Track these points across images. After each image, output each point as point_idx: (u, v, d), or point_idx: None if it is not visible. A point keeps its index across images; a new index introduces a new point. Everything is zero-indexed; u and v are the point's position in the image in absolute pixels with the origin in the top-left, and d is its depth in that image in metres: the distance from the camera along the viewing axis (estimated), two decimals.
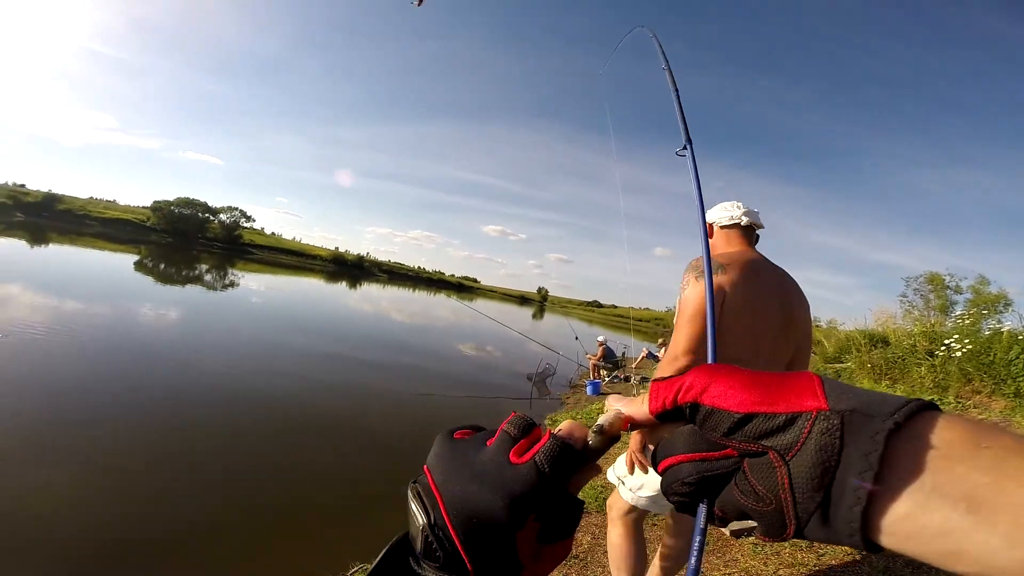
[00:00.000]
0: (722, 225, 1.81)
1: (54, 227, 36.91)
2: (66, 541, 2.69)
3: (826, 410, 0.25)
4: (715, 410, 0.28)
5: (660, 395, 0.32)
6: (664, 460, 0.33)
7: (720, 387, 0.29)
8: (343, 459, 4.47)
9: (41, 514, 2.88)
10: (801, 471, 0.25)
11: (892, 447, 0.22)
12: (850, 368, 6.62)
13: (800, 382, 0.27)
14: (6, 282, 10.75)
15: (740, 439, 0.27)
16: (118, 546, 2.71)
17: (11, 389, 4.60)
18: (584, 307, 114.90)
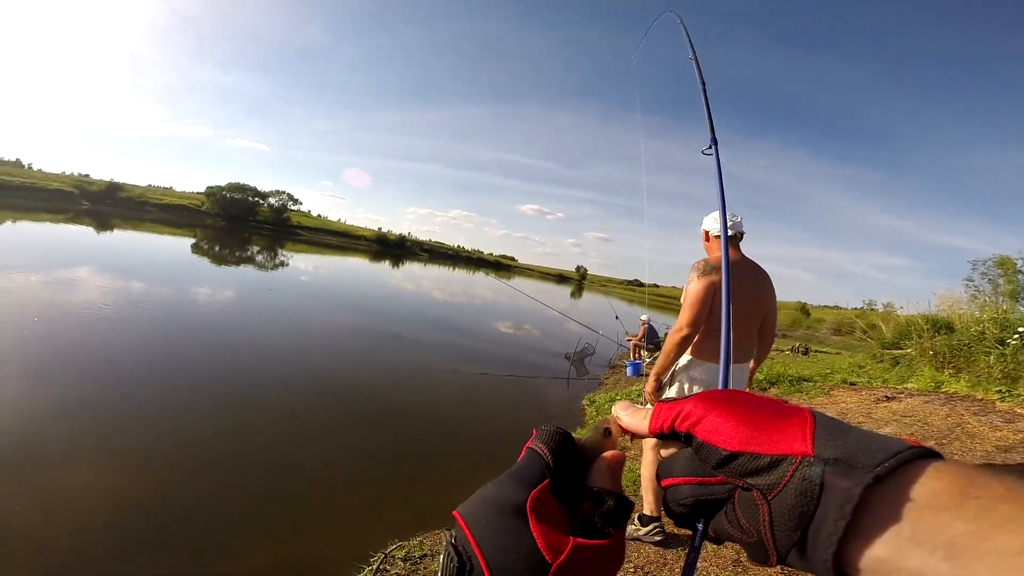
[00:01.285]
0: (714, 235, 2.42)
1: (117, 214, 39.24)
2: (114, 515, 2.91)
3: (810, 456, 0.25)
4: (705, 444, 0.29)
5: (660, 418, 0.32)
6: (667, 479, 0.34)
7: (713, 421, 0.29)
8: (382, 436, 4.61)
9: (98, 486, 3.13)
10: (781, 511, 0.25)
11: (870, 497, 0.23)
12: (910, 355, 6.25)
13: (792, 424, 0.27)
14: (77, 266, 11.57)
15: (727, 474, 0.28)
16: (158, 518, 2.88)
17: (82, 363, 4.98)
18: (624, 286, 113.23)
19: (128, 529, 2.70)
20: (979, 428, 3.79)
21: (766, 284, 2.45)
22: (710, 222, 2.45)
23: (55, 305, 7.24)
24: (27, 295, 7.57)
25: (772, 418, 0.28)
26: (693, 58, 2.13)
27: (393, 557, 2.52)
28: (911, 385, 5.27)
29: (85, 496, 2.93)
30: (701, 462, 0.30)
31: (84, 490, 2.98)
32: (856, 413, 4.70)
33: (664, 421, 0.32)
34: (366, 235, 78.16)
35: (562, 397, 6.96)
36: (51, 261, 11.56)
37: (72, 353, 5.24)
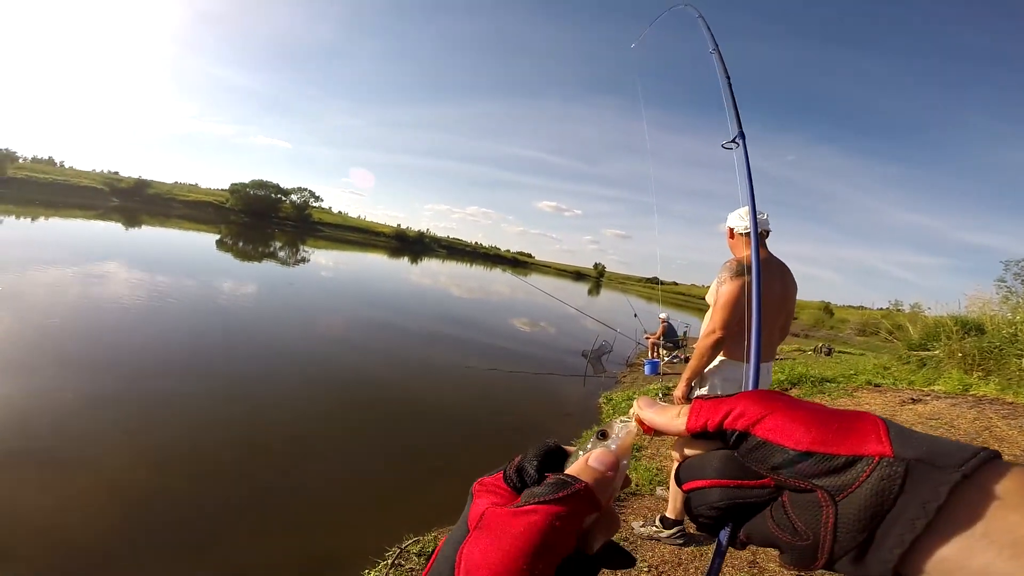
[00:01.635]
0: (740, 231, 2.35)
1: (145, 210, 40.28)
2: (135, 507, 2.99)
3: (890, 457, 0.24)
4: (767, 443, 0.28)
5: (703, 415, 0.31)
6: (693, 481, 0.33)
7: (777, 420, 0.28)
8: (399, 431, 4.66)
9: (120, 477, 3.22)
10: (849, 512, 0.25)
11: (953, 497, 0.23)
12: (938, 357, 6.07)
13: (864, 425, 0.26)
14: (106, 260, 11.93)
15: (789, 475, 0.27)
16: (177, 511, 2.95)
17: (108, 356, 5.13)
18: (643, 284, 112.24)
19: (148, 521, 2.77)
20: (1008, 432, 3.67)
21: (791, 283, 2.42)
22: (735, 219, 2.39)
23: (84, 298, 7.48)
24: (58, 289, 7.83)
25: (840, 420, 0.27)
26: (715, 51, 2.09)
27: (408, 552, 2.55)
28: (938, 387, 5.12)
29: (106, 488, 3.01)
30: (753, 462, 0.29)
31: (105, 482, 3.07)
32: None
33: (711, 418, 0.30)
34: (385, 231, 78.86)
35: (579, 394, 6.94)
36: (82, 256, 11.94)
37: (99, 345, 5.40)
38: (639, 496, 3.36)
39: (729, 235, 2.45)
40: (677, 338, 10.74)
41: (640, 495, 3.38)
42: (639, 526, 2.77)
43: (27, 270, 9.00)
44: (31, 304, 6.65)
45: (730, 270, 2.27)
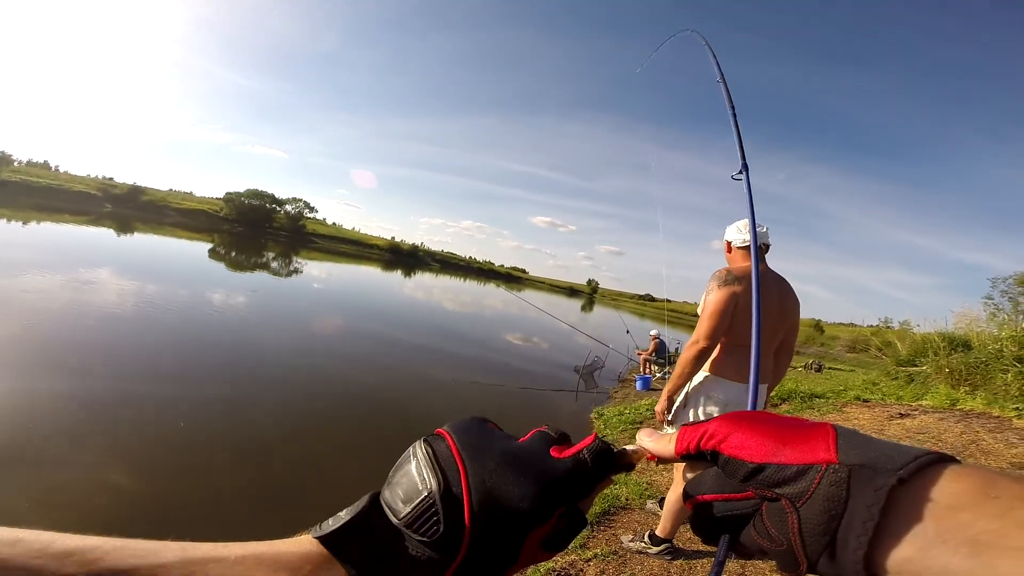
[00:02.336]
0: (738, 245, 2.31)
1: (138, 217, 40.14)
2: (127, 508, 2.94)
3: (835, 463, 0.26)
4: (732, 459, 0.30)
5: (685, 439, 0.34)
6: (694, 497, 0.36)
7: (739, 437, 0.31)
8: (386, 444, 4.61)
9: (111, 479, 3.16)
10: (810, 517, 0.26)
11: (895, 498, 0.24)
12: (925, 372, 6.14)
13: (815, 435, 0.28)
14: (95, 267, 11.83)
15: (755, 486, 0.30)
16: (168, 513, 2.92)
17: (94, 361, 5.07)
18: (636, 300, 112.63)
19: (141, 522, 2.72)
20: (994, 445, 3.70)
21: (791, 298, 2.32)
22: (733, 232, 2.34)
23: (70, 304, 7.39)
24: (43, 293, 7.74)
25: (795, 432, 0.29)
26: (721, 81, 2.10)
27: None
28: (926, 402, 5.18)
29: (91, 492, 2.97)
30: (728, 477, 0.31)
31: (89, 485, 3.02)
32: (869, 430, 4.61)
33: (690, 442, 0.33)
34: (379, 244, 78.93)
35: (571, 409, 6.91)
36: (69, 261, 11.82)
37: (84, 351, 5.33)
38: (629, 510, 3.34)
39: (727, 249, 2.40)
40: (668, 354, 10.77)
41: (630, 509, 3.35)
42: (628, 540, 2.75)
43: (12, 273, 8.90)
44: (13, 308, 6.56)
45: (718, 279, 2.19)
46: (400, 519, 0.31)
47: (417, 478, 0.32)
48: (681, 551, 2.61)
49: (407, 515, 0.31)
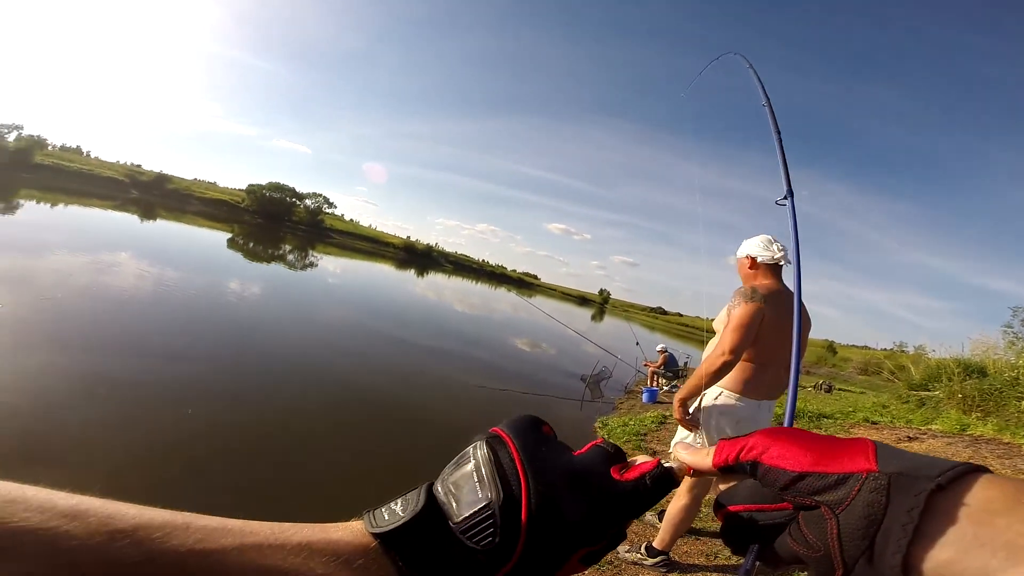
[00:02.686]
0: (765, 262, 2.35)
1: (163, 204, 40.87)
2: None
3: (875, 472, 0.28)
4: (773, 468, 0.32)
5: (724, 452, 0.35)
6: (727, 507, 0.37)
7: (779, 449, 0.32)
8: (389, 442, 4.65)
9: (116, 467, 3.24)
10: (849, 523, 0.28)
11: (934, 503, 0.25)
12: (937, 397, 6.05)
13: (855, 447, 0.30)
14: (118, 250, 12.10)
15: (794, 494, 0.31)
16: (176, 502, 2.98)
17: (109, 343, 5.19)
18: (647, 313, 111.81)
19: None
20: (1001, 470, 3.64)
21: (805, 318, 2.36)
22: (757, 248, 2.36)
23: (90, 284, 7.58)
24: (65, 274, 7.95)
25: (834, 444, 0.31)
26: (766, 105, 2.10)
27: None
28: (935, 427, 5.11)
29: (98, 478, 3.04)
30: (767, 487, 0.33)
31: (98, 471, 3.09)
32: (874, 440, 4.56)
33: (728, 454, 0.34)
34: (395, 242, 79.47)
35: (575, 418, 6.89)
36: (94, 244, 12.11)
37: (99, 332, 5.47)
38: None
39: (749, 265, 2.39)
40: (678, 368, 10.71)
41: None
42: (624, 551, 2.75)
43: (38, 254, 9.16)
44: (33, 287, 6.75)
45: (743, 295, 2.21)
46: (455, 523, 0.32)
47: (477, 486, 0.33)
48: (677, 564, 2.61)
49: (463, 521, 0.32)
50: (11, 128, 37.49)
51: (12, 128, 37.55)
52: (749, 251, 2.39)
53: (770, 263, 2.32)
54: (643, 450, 4.96)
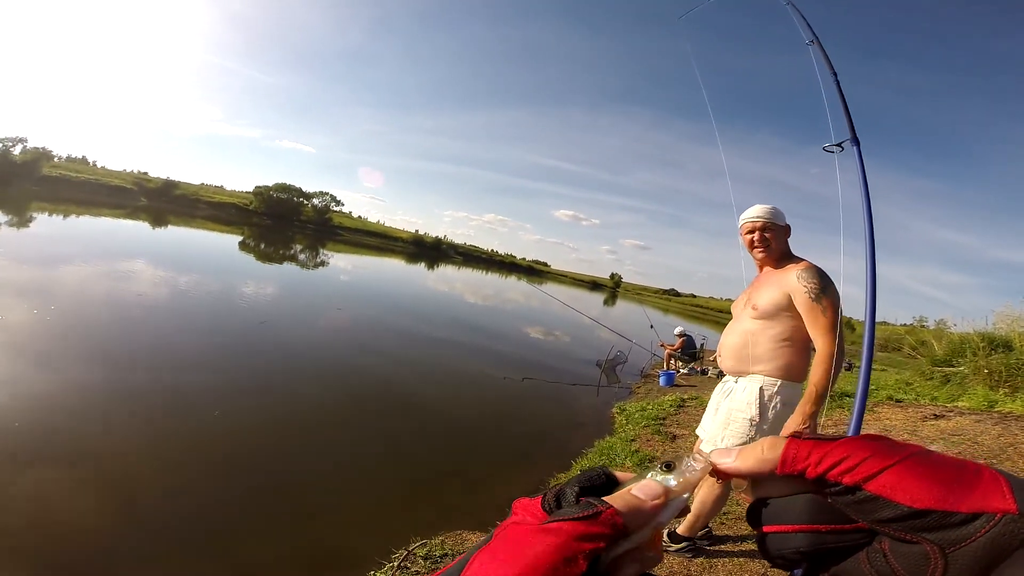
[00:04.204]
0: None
1: (172, 210, 41.30)
2: (136, 505, 3.04)
3: (1014, 513, 0.25)
4: (880, 498, 0.27)
5: (801, 460, 0.30)
6: (775, 525, 0.32)
7: (893, 477, 0.27)
8: (408, 434, 4.67)
9: (127, 473, 3.28)
10: (959, 564, 0.25)
11: None
12: (962, 373, 5.93)
13: (984, 481, 0.26)
14: (133, 257, 12.25)
15: (897, 528, 0.27)
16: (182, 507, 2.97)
17: (127, 350, 5.26)
18: (660, 295, 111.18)
19: (151, 517, 2.78)
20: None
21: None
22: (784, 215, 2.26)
23: (108, 295, 7.69)
24: (79, 284, 8.06)
25: (960, 473, 0.27)
26: (813, 43, 1.93)
27: (415, 555, 2.55)
28: (962, 404, 5.01)
29: (108, 483, 3.06)
30: (861, 513, 0.28)
31: (108, 476, 3.11)
32: (901, 430, 4.48)
33: (811, 465, 0.30)
34: (404, 237, 79.72)
35: (592, 404, 6.88)
36: (108, 253, 12.28)
37: (121, 340, 5.54)
38: None
39: (787, 234, 2.28)
40: (695, 350, 10.64)
41: None
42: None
43: (53, 266, 9.29)
44: (46, 297, 6.85)
45: (823, 276, 2.05)
46: None
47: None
48: (703, 550, 2.58)
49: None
50: (16, 141, 37.72)
51: (17, 141, 37.78)
52: (782, 219, 2.26)
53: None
54: (662, 435, 4.93)
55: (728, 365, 2.30)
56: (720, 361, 2.39)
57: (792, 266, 2.15)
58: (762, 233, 2.25)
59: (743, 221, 2.30)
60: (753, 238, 2.26)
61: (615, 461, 4.23)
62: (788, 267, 2.16)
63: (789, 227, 2.27)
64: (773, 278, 2.19)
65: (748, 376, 2.20)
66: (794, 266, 2.13)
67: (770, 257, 2.26)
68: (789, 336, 2.11)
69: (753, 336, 2.18)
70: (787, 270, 2.15)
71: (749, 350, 2.18)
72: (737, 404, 2.19)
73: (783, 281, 2.12)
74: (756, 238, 2.26)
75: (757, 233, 2.25)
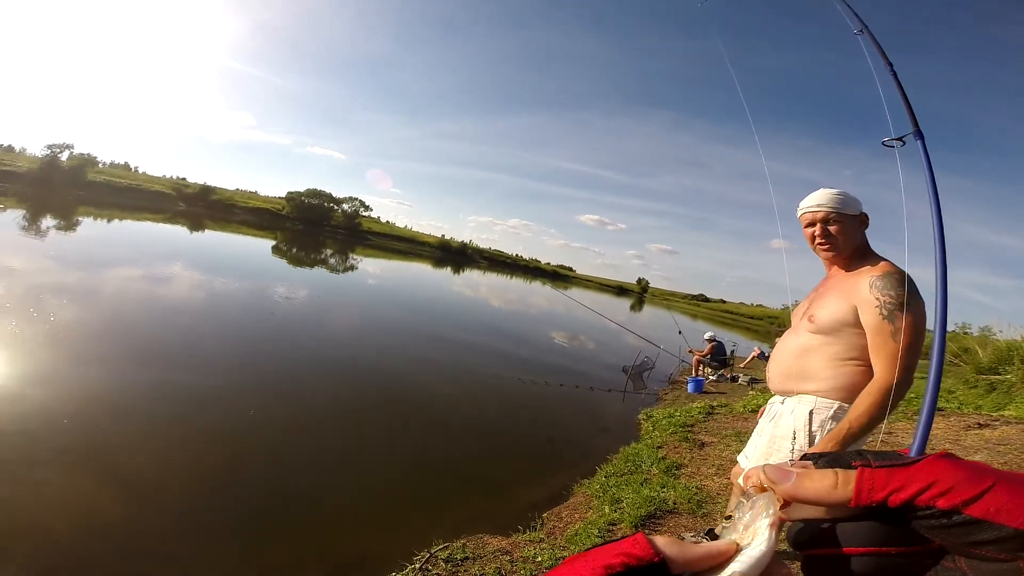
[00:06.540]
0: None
1: (208, 215, 42.63)
2: (157, 505, 3.11)
3: None
4: (983, 521, 0.26)
5: (880, 488, 0.29)
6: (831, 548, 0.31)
7: (999, 499, 0.26)
8: (432, 437, 4.68)
9: (157, 471, 3.36)
10: None
11: None
12: (1009, 381, 5.65)
13: None
14: (174, 260, 12.71)
15: (993, 549, 0.26)
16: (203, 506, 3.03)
17: (168, 351, 5.43)
18: (688, 300, 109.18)
19: (173, 519, 2.85)
20: None
21: None
22: (857, 201, 1.81)
23: (152, 296, 7.98)
24: (133, 284, 8.39)
25: None
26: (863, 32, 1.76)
27: (436, 557, 2.54)
28: (1008, 412, 4.76)
29: (129, 482, 3.15)
30: (957, 536, 0.27)
31: (131, 476, 3.21)
32: (942, 440, 4.28)
33: (894, 493, 0.28)
34: (430, 242, 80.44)
35: (618, 410, 6.79)
36: (153, 256, 12.78)
37: (164, 341, 5.74)
38: (677, 514, 3.23)
39: (863, 222, 1.83)
40: (725, 356, 10.40)
41: (678, 513, 3.25)
42: (690, 536, 2.71)
43: (102, 268, 9.71)
44: (94, 298, 7.15)
45: (903, 286, 1.62)
46: None
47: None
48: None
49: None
50: (62, 148, 39.07)
51: (63, 148, 39.14)
52: (858, 207, 1.80)
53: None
54: (690, 442, 4.81)
55: (775, 383, 1.95)
56: (768, 378, 2.02)
57: (867, 269, 1.73)
58: (824, 226, 1.80)
59: (801, 211, 1.87)
60: (815, 232, 1.83)
61: (641, 468, 4.14)
62: (861, 270, 1.74)
63: (864, 216, 1.81)
64: (841, 284, 1.78)
65: (796, 396, 1.83)
66: (869, 270, 1.71)
67: (839, 256, 1.83)
68: (856, 355, 1.70)
69: (807, 352, 1.81)
70: (859, 274, 1.73)
71: (801, 366, 1.82)
72: (782, 431, 1.83)
73: (851, 289, 1.71)
74: (818, 232, 1.82)
75: (819, 226, 1.81)
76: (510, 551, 2.70)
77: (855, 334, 1.69)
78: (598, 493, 3.61)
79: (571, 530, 3.02)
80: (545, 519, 3.22)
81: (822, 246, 1.83)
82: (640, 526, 2.99)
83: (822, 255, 1.88)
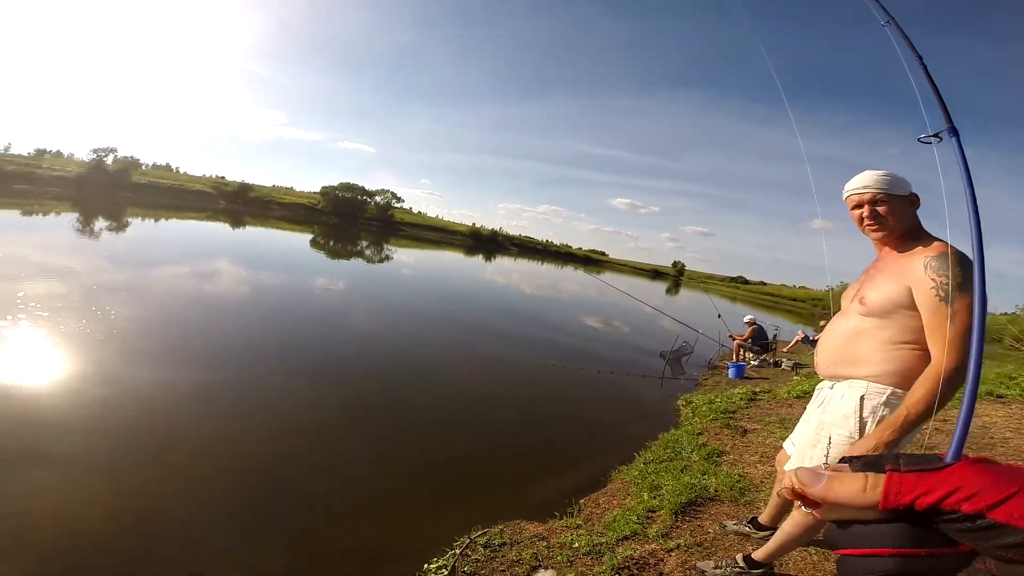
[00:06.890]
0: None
1: (248, 212, 44.02)
2: (198, 495, 3.22)
3: None
4: (1007, 526, 0.27)
5: (907, 492, 0.30)
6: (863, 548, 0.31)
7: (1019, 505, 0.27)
8: (469, 426, 4.72)
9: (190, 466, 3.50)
10: None
11: None
12: None
13: None
14: (218, 255, 13.21)
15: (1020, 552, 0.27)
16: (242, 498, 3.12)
17: (211, 343, 5.66)
18: (727, 283, 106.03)
19: (208, 507, 2.95)
20: None
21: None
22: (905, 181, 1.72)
23: (201, 291, 8.33)
24: (179, 283, 8.78)
25: None
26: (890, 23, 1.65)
27: (476, 543, 2.56)
28: None
29: (165, 476, 3.30)
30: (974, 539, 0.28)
31: (166, 469, 3.36)
32: (1003, 428, 4.04)
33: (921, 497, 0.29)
34: (461, 230, 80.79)
35: (656, 396, 6.69)
36: (198, 252, 13.33)
37: (208, 336, 5.98)
38: (718, 501, 3.16)
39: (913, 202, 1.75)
40: (767, 341, 10.09)
41: (719, 500, 3.18)
42: (732, 524, 2.73)
43: (153, 266, 10.19)
44: (144, 296, 7.50)
45: (960, 266, 1.51)
46: None
47: None
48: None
49: None
50: (107, 151, 40.63)
51: (108, 151, 40.69)
52: (908, 187, 1.72)
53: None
54: (732, 429, 4.69)
55: (824, 367, 1.89)
56: (816, 363, 1.95)
57: (920, 250, 1.65)
58: (872, 208, 1.73)
59: (847, 193, 1.81)
60: (862, 214, 1.76)
61: (681, 454, 4.07)
62: (915, 251, 1.67)
63: (915, 196, 1.74)
64: (894, 265, 1.70)
65: (847, 381, 1.77)
66: (923, 250, 1.64)
67: (890, 236, 1.75)
68: (911, 339, 1.63)
69: (858, 336, 1.74)
70: (912, 255, 1.66)
71: (851, 350, 1.76)
72: (832, 417, 1.78)
73: (905, 270, 1.64)
74: (866, 214, 1.75)
75: (867, 208, 1.75)
76: (547, 537, 2.70)
77: (909, 316, 1.63)
78: (637, 480, 3.57)
79: (608, 516, 3.00)
80: (582, 505, 3.21)
81: (871, 227, 1.77)
82: (680, 513, 2.94)
83: (872, 236, 1.81)
